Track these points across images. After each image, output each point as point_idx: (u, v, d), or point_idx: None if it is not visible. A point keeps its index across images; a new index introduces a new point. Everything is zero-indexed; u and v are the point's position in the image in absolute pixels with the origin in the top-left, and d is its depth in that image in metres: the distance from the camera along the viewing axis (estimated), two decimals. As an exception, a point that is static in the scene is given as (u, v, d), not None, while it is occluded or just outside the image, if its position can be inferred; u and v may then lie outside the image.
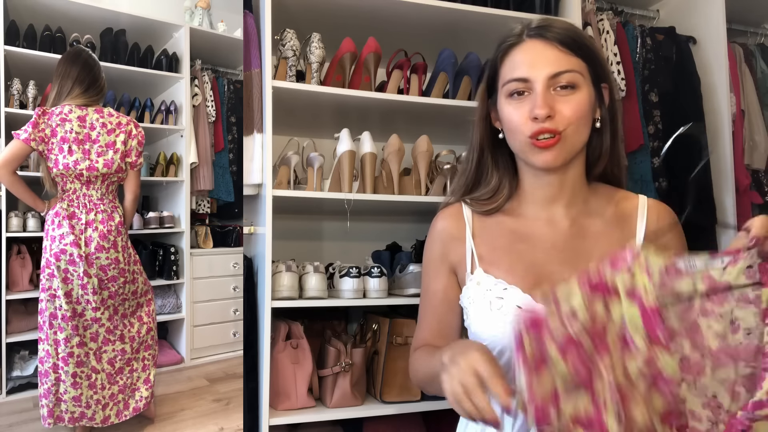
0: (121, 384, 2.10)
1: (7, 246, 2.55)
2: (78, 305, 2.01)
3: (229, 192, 3.40)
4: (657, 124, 2.08)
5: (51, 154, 2.01)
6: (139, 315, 2.19)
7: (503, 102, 0.94)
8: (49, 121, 2.01)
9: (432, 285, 1.05)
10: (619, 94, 0.99)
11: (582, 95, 0.90)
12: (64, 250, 1.98)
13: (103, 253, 2.03)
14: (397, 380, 1.63)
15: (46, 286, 2.00)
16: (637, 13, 2.27)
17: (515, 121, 0.91)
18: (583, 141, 0.92)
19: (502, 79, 0.94)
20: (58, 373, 1.98)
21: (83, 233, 2.02)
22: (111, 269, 2.04)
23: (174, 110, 3.17)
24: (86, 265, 1.99)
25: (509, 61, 0.93)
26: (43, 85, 2.71)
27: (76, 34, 2.89)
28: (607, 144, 0.98)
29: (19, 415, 2.35)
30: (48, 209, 2.10)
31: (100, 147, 2.06)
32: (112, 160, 2.07)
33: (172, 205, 3.30)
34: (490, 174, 1.02)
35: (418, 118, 1.87)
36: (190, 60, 3.21)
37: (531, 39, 0.91)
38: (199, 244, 3.29)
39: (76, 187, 2.04)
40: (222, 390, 2.73)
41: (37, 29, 2.77)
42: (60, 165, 2.00)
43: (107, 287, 2.05)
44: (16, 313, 2.63)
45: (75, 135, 2.02)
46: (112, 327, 2.08)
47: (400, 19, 1.75)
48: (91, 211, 2.05)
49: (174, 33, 3.24)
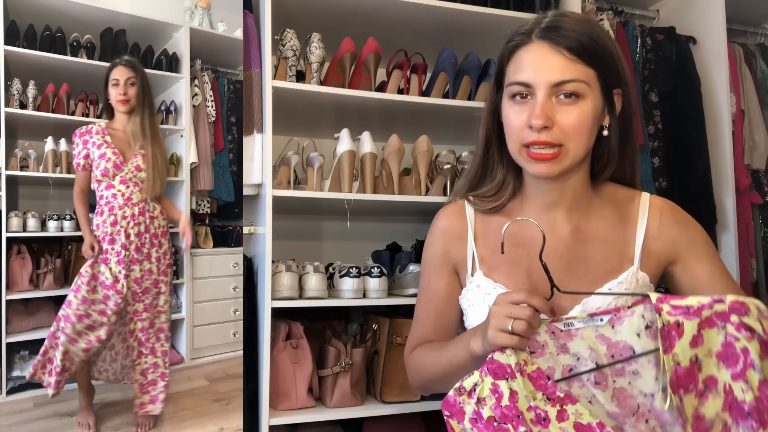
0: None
1: (7, 246, 2.55)
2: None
3: (229, 192, 3.40)
4: (657, 124, 2.08)
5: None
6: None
7: (506, 102, 0.92)
8: None
9: (433, 283, 1.03)
10: (635, 98, 0.96)
11: (586, 105, 0.86)
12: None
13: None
14: (397, 380, 1.63)
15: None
16: (637, 13, 2.27)
17: (513, 125, 0.89)
18: (585, 151, 0.90)
19: (507, 78, 0.91)
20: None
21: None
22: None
23: (174, 110, 3.16)
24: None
25: (515, 61, 0.90)
26: (43, 85, 2.71)
27: (76, 34, 2.88)
28: (614, 151, 0.95)
29: (19, 415, 2.35)
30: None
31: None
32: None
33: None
34: (496, 168, 1.00)
35: (418, 118, 1.87)
36: (190, 60, 3.20)
37: (539, 40, 0.87)
38: (199, 244, 3.28)
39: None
40: (222, 390, 2.72)
41: (37, 29, 2.77)
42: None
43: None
44: (16, 313, 2.62)
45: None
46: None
47: (400, 19, 1.75)
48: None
49: (174, 33, 3.23)
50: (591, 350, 0.75)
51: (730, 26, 2.17)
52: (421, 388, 1.05)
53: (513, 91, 0.89)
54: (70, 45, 2.83)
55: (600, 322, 0.75)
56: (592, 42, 0.86)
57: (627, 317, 0.75)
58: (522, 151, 0.88)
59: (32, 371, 2.11)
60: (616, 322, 0.74)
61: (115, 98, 2.20)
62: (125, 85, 2.19)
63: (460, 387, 0.76)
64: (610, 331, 0.75)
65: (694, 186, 2.08)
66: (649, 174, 2.04)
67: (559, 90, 0.85)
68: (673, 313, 0.70)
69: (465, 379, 0.76)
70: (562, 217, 0.96)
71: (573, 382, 0.75)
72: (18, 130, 2.61)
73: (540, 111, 0.84)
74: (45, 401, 2.33)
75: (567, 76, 0.85)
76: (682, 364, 0.67)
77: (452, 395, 0.76)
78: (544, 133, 0.84)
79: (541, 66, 0.86)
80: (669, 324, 0.69)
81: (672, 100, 2.10)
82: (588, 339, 0.75)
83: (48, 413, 2.29)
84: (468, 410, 0.74)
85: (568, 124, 0.85)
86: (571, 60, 0.85)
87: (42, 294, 2.54)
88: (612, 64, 0.89)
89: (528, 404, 0.71)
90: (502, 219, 0.98)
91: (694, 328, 0.68)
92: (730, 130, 2.10)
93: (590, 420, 0.69)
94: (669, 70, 2.12)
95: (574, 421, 0.69)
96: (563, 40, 0.85)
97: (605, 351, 0.75)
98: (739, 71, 2.34)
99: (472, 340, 0.83)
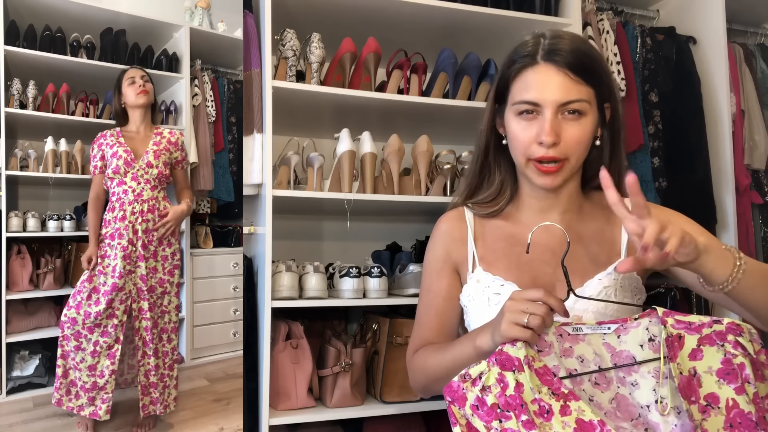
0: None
1: (7, 246, 2.55)
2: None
3: (229, 192, 3.40)
4: (657, 124, 2.08)
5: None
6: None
7: (511, 117, 0.96)
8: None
9: (435, 284, 1.07)
10: (622, 111, 1.02)
11: (587, 121, 0.93)
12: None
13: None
14: (397, 380, 1.63)
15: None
16: (637, 13, 2.27)
17: (520, 140, 0.94)
18: (582, 161, 0.96)
19: (513, 97, 0.96)
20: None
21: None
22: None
23: (174, 110, 3.16)
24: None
25: (521, 80, 0.95)
26: (43, 85, 2.71)
27: (76, 34, 2.88)
28: (606, 160, 1.01)
29: (19, 415, 2.35)
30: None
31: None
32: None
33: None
34: (494, 175, 1.06)
35: (418, 118, 1.87)
36: (190, 60, 3.21)
37: (545, 63, 0.93)
38: (199, 244, 3.29)
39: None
40: (222, 390, 2.73)
41: (37, 29, 2.77)
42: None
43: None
44: (16, 313, 2.62)
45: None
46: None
47: (400, 19, 1.75)
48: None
49: (174, 33, 3.23)
50: (596, 355, 0.79)
51: (730, 26, 2.17)
52: (423, 389, 1.06)
53: (520, 109, 0.94)
54: (70, 45, 2.83)
55: (607, 331, 0.78)
56: (590, 61, 0.93)
57: (633, 328, 0.78)
58: (530, 165, 0.94)
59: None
60: (622, 332, 0.78)
61: (134, 92, 2.24)
62: (142, 80, 2.26)
63: (465, 374, 0.77)
64: (615, 340, 0.78)
65: (694, 186, 2.08)
66: (649, 174, 2.04)
67: (565, 108, 0.91)
68: (676, 326, 0.74)
69: (471, 367, 0.78)
70: (556, 219, 1.02)
71: (576, 381, 0.77)
72: (18, 130, 2.61)
73: (550, 129, 0.90)
74: (45, 401, 2.34)
75: (572, 96, 0.91)
76: (683, 374, 0.71)
77: (456, 381, 0.78)
78: (552, 149, 0.91)
79: (547, 87, 0.91)
80: (672, 336, 0.73)
81: (672, 100, 2.10)
82: (594, 345, 0.79)
83: (48, 413, 2.29)
84: (470, 397, 0.76)
85: (573, 139, 0.92)
86: (575, 81, 0.91)
87: (42, 294, 2.54)
88: (605, 80, 0.96)
89: (533, 396, 0.73)
90: (500, 222, 1.05)
91: (694, 342, 0.72)
92: (730, 130, 2.10)
93: (592, 417, 0.71)
94: (669, 70, 2.12)
95: (576, 417, 0.71)
96: (565, 60, 0.91)
97: (609, 358, 0.78)
98: (739, 71, 2.34)
99: (479, 337, 0.86)
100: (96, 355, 2.05)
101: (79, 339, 2.05)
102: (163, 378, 2.18)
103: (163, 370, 2.18)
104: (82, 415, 2.09)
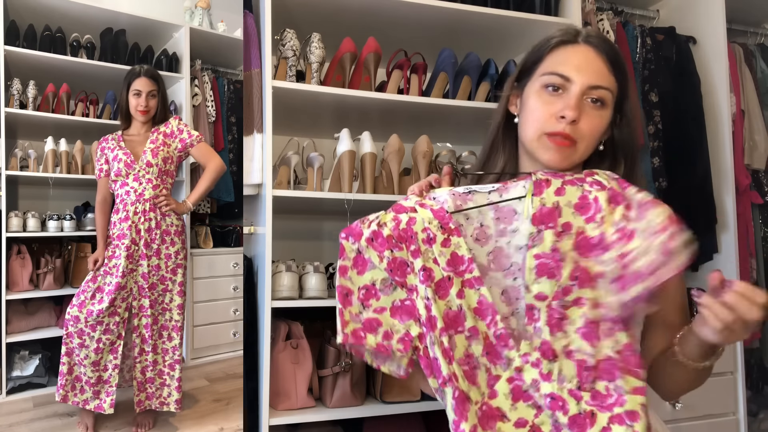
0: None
1: (7, 246, 2.55)
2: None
3: (229, 192, 3.40)
4: (657, 124, 2.08)
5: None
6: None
7: (534, 90, 0.96)
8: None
9: None
10: (640, 137, 1.04)
11: (605, 114, 0.94)
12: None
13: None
14: (397, 380, 1.62)
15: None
16: (637, 13, 2.27)
17: (539, 113, 0.94)
18: (586, 156, 0.96)
19: (544, 68, 0.96)
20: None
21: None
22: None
23: (174, 110, 3.16)
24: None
25: (558, 54, 0.96)
26: (43, 85, 2.71)
27: (76, 34, 2.88)
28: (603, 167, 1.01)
29: (19, 415, 2.35)
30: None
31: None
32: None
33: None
34: (498, 156, 1.05)
35: (418, 118, 1.87)
36: (190, 60, 3.21)
37: (586, 44, 0.94)
38: (199, 244, 3.29)
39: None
40: (222, 390, 2.72)
41: (37, 29, 2.77)
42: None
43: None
44: (16, 313, 2.62)
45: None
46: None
47: (400, 19, 1.75)
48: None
49: (174, 33, 3.23)
50: (480, 214, 0.90)
51: (730, 26, 2.17)
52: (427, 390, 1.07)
53: (549, 81, 0.94)
54: (70, 45, 2.83)
55: (492, 189, 0.90)
56: (620, 58, 0.96)
57: (512, 187, 0.89)
58: (542, 138, 0.94)
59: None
60: (503, 191, 0.89)
61: (135, 107, 2.24)
62: (147, 97, 2.25)
63: (364, 219, 0.90)
64: (497, 197, 0.90)
65: (694, 186, 2.08)
66: (649, 174, 2.04)
67: (591, 93, 0.92)
68: (544, 175, 0.87)
69: (371, 216, 0.91)
70: None
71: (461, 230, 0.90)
72: (18, 130, 2.61)
73: (576, 104, 0.91)
74: (45, 401, 2.34)
75: (602, 82, 0.93)
76: (547, 205, 0.84)
77: (357, 223, 0.90)
78: (569, 127, 0.91)
79: (584, 65, 0.93)
80: (540, 179, 0.86)
81: (672, 100, 2.10)
82: (479, 202, 0.90)
83: (48, 413, 2.29)
84: (366, 232, 0.88)
85: (588, 126, 0.92)
86: (608, 69, 0.94)
87: (42, 294, 2.54)
88: (627, 81, 0.98)
89: (423, 226, 0.87)
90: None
91: (559, 183, 0.86)
92: (730, 130, 2.10)
93: (465, 254, 0.86)
94: (669, 70, 2.12)
95: (452, 250, 0.86)
96: (605, 48, 0.94)
97: (492, 214, 0.89)
98: (739, 71, 2.34)
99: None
100: (99, 352, 2.07)
101: (82, 336, 2.06)
102: (162, 374, 2.18)
103: (161, 367, 2.18)
104: (87, 409, 2.10)
